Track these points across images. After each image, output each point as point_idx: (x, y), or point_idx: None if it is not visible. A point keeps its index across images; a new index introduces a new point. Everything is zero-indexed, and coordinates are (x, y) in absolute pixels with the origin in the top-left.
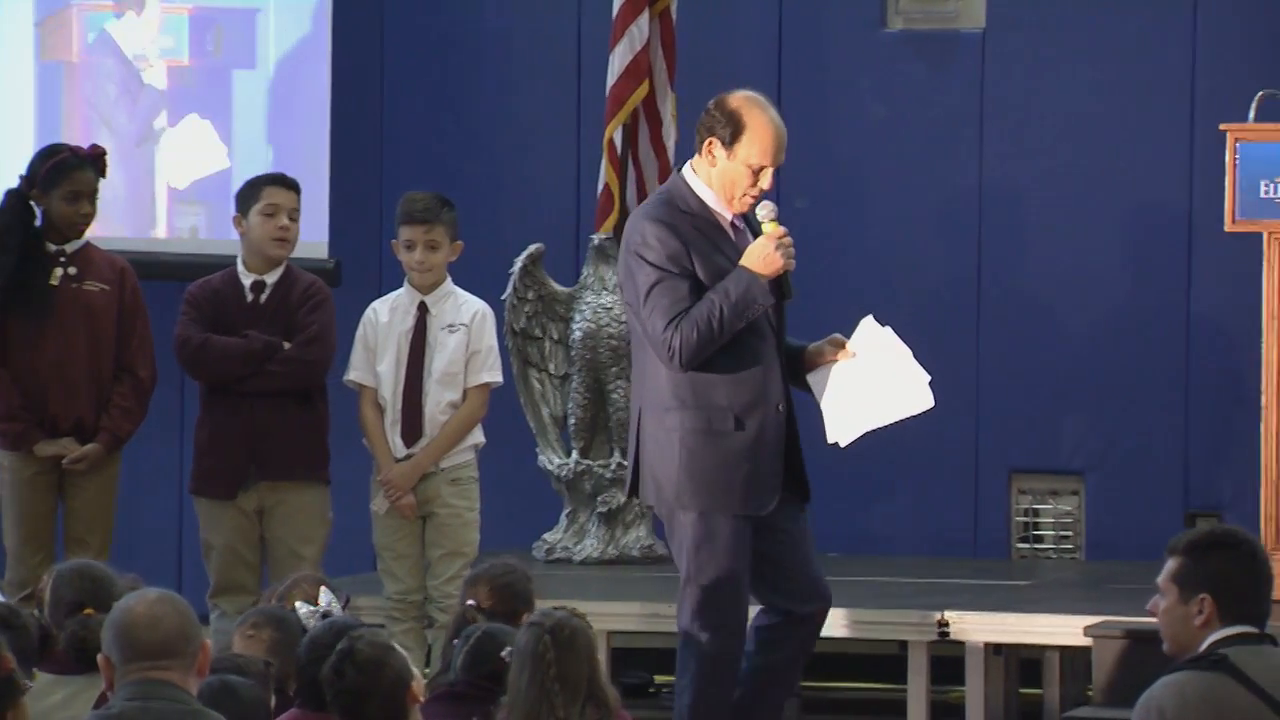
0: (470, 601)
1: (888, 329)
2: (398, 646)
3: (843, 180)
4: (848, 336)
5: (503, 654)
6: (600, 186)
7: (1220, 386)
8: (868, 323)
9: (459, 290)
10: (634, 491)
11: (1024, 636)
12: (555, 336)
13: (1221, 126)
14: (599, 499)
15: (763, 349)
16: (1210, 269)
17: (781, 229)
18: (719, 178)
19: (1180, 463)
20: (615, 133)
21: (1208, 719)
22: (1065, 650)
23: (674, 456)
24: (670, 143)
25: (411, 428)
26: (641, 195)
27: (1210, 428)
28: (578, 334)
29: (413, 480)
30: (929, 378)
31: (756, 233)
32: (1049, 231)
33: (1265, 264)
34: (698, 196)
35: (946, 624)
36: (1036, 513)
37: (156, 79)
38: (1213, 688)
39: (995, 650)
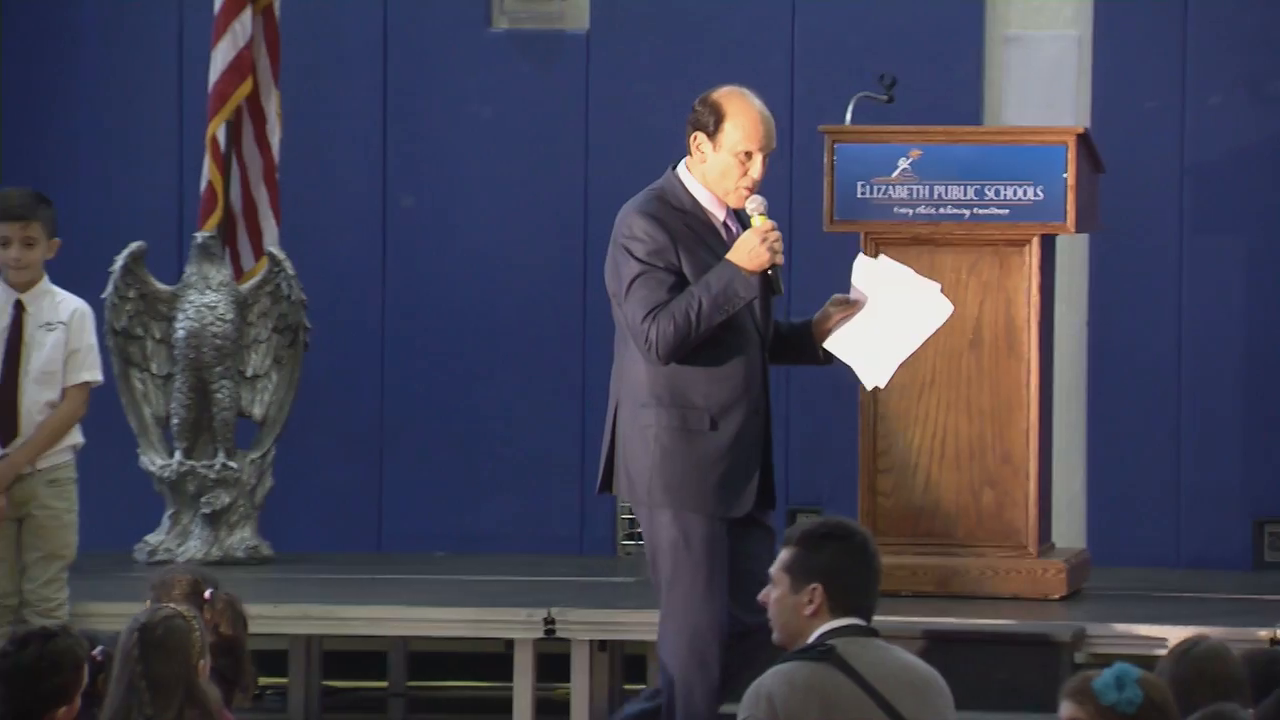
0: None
1: (881, 258)
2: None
3: (449, 180)
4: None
5: (94, 653)
6: (204, 184)
7: (820, 383)
8: (860, 263)
9: (57, 288)
10: (606, 486)
11: (629, 633)
12: (158, 336)
13: (819, 128)
14: (202, 500)
15: (744, 348)
16: (809, 269)
17: (770, 223)
18: (711, 174)
19: (781, 458)
20: (218, 130)
21: (814, 708)
22: None
23: (648, 454)
24: (275, 140)
25: (6, 427)
26: (245, 193)
27: (810, 424)
28: (181, 333)
29: (7, 481)
30: (938, 285)
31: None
32: None
33: None
34: (690, 195)
35: (553, 621)
36: None
37: None
38: (820, 678)
39: (600, 647)
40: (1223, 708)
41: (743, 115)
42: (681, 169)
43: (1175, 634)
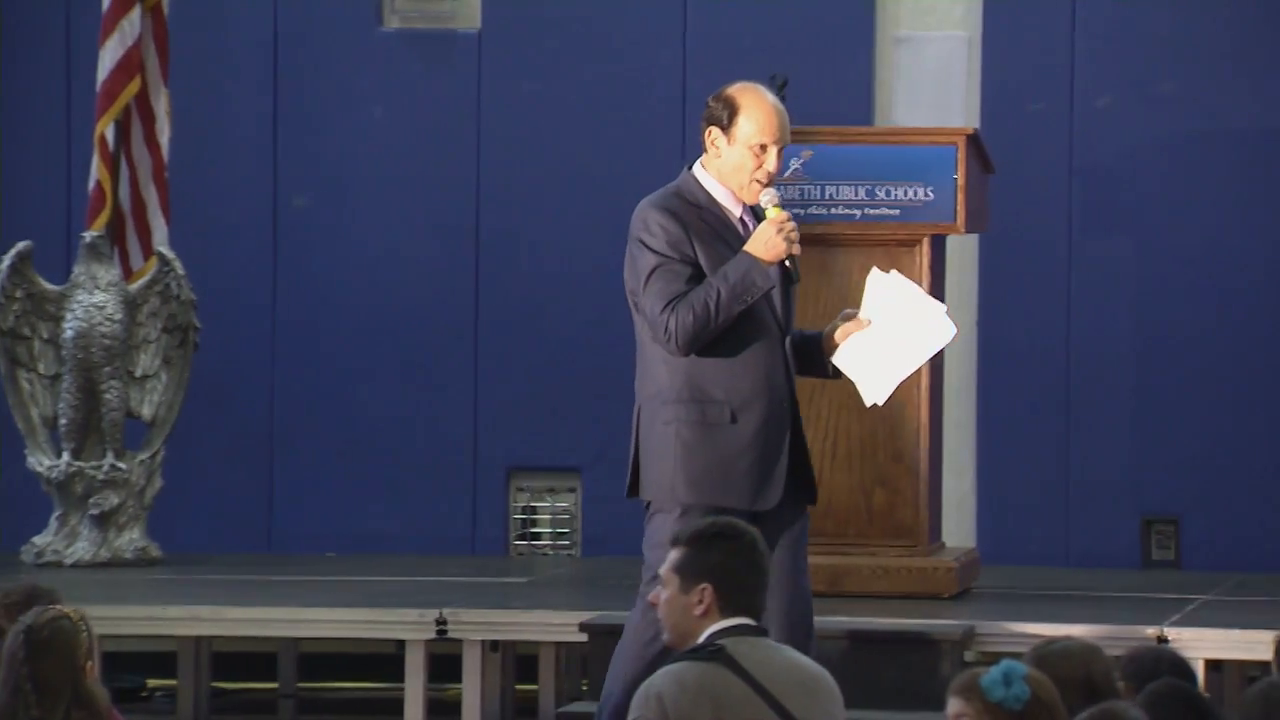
0: None
1: (893, 273)
2: None
3: (340, 179)
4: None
5: None
6: (92, 183)
7: None
8: (873, 277)
9: None
10: (634, 490)
11: (521, 633)
12: (45, 336)
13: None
14: (91, 501)
15: (763, 340)
16: None
17: (785, 214)
18: (726, 168)
19: None
20: (107, 129)
21: (704, 707)
22: (561, 646)
23: (670, 451)
24: (164, 139)
25: None
26: (135, 192)
27: None
28: (69, 333)
29: None
30: (945, 307)
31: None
32: (545, 231)
33: None
34: (706, 191)
35: (445, 622)
36: (534, 510)
37: None
38: (710, 677)
39: (492, 647)
40: (1113, 706)
41: (756, 108)
42: (697, 167)
43: (1063, 631)
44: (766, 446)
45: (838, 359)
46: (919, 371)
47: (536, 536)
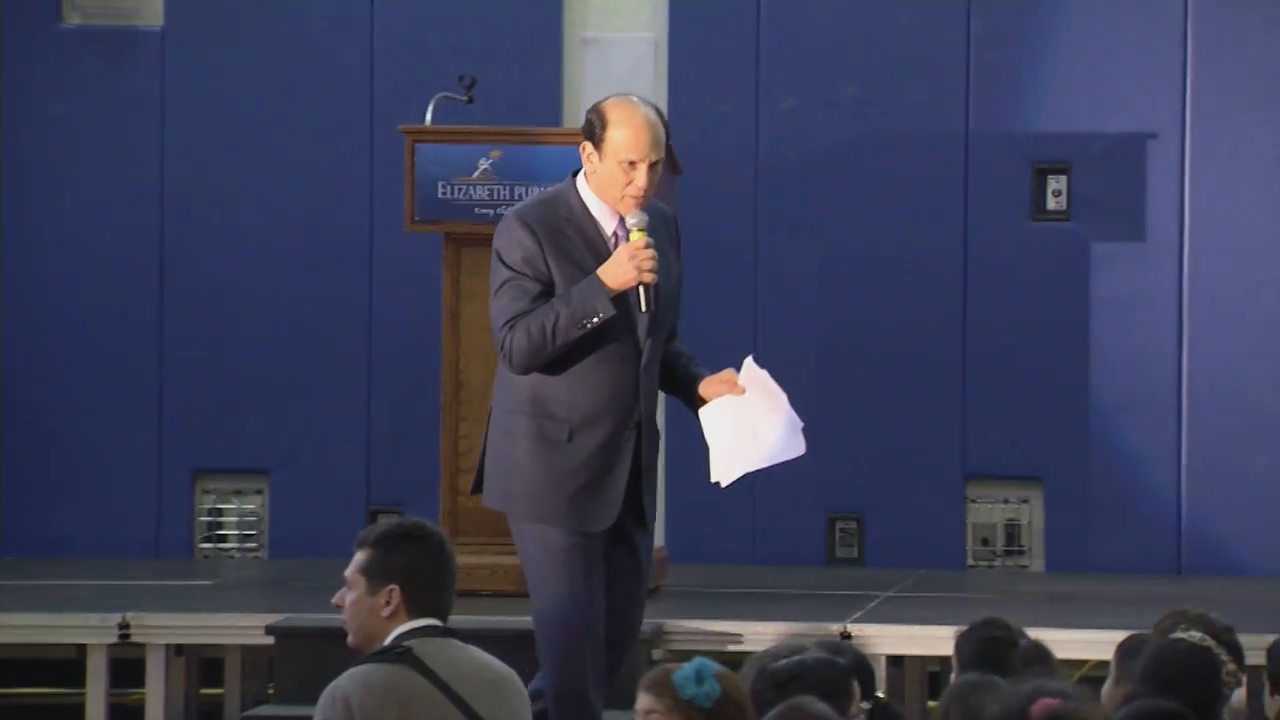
0: None
1: (763, 371)
2: None
3: (20, 178)
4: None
5: None
6: None
7: (402, 384)
8: (748, 364)
9: None
10: (478, 488)
11: (205, 636)
12: None
13: (399, 128)
14: None
15: (614, 362)
16: (391, 269)
17: (643, 240)
18: (600, 182)
19: (363, 459)
20: None
21: (391, 709)
22: (247, 649)
23: (510, 461)
24: None
25: None
26: None
27: (392, 424)
28: None
29: None
30: (803, 424)
31: None
32: (231, 230)
33: (443, 263)
34: (582, 203)
35: (128, 626)
36: (220, 512)
37: None
38: (397, 679)
39: (176, 651)
40: (799, 701)
41: (625, 123)
42: (580, 176)
43: (750, 629)
44: (602, 469)
45: (704, 416)
46: None
47: (223, 539)
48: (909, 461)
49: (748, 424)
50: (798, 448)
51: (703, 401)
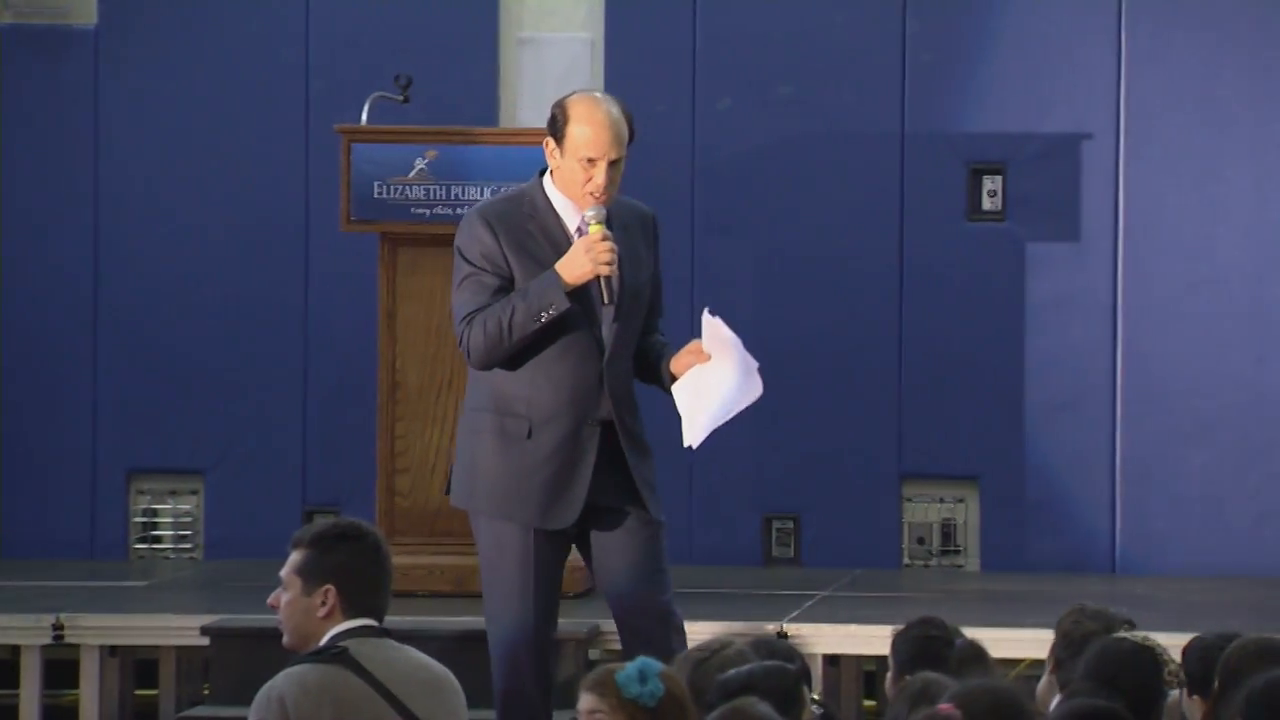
0: None
1: (717, 320)
2: None
3: None
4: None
5: None
6: None
7: (338, 384)
8: (706, 318)
9: None
10: (448, 489)
11: (140, 638)
12: None
13: (335, 127)
14: None
15: (576, 358)
16: (327, 268)
17: (600, 233)
18: (563, 178)
19: (299, 459)
20: None
21: (327, 709)
22: (182, 650)
23: (473, 459)
24: None
25: None
26: None
27: (328, 425)
28: None
29: None
30: (757, 364)
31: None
32: (166, 228)
33: (380, 263)
34: (547, 199)
35: (61, 627)
36: (155, 513)
37: None
38: (332, 679)
39: (111, 652)
40: (741, 703)
41: (584, 121)
42: (547, 174)
43: (687, 629)
44: (563, 465)
45: (676, 391)
46: None
47: (158, 539)
48: (845, 461)
49: (709, 382)
50: (754, 391)
51: (674, 379)
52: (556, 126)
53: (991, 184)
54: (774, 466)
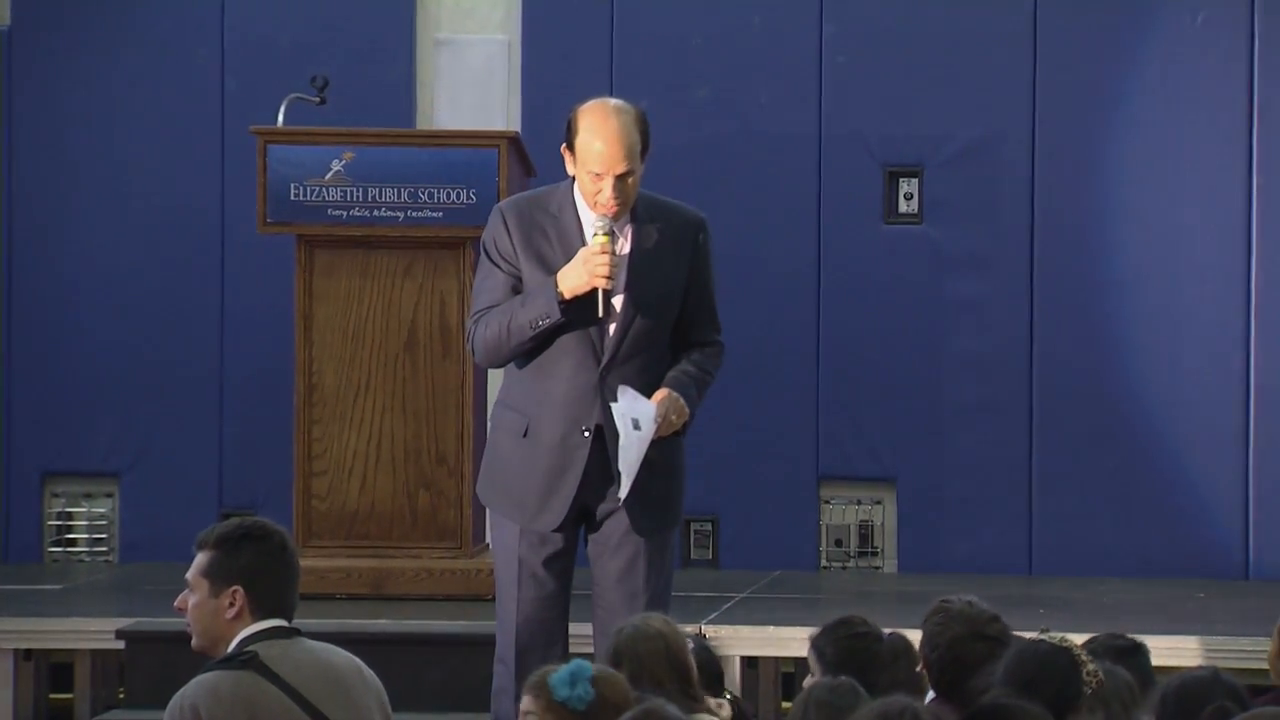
0: None
1: (628, 390)
2: None
3: None
4: None
5: None
6: None
7: (255, 386)
8: (621, 389)
9: None
10: None
11: (55, 641)
12: None
13: (251, 129)
14: None
15: (571, 364)
16: (244, 270)
17: (599, 245)
18: (580, 186)
19: (215, 462)
20: None
21: (240, 717)
22: (97, 653)
23: (490, 452)
24: None
25: None
26: None
27: (244, 427)
28: None
29: None
30: (654, 407)
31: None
32: (80, 230)
33: (296, 265)
34: (573, 203)
35: None
36: (70, 515)
37: None
38: (245, 686)
39: (25, 656)
40: (652, 705)
41: (591, 133)
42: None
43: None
44: (551, 471)
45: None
46: (462, 373)
47: (72, 542)
48: (763, 463)
49: (627, 439)
50: (646, 426)
51: None
52: (569, 136)
53: (908, 186)
54: (692, 469)
